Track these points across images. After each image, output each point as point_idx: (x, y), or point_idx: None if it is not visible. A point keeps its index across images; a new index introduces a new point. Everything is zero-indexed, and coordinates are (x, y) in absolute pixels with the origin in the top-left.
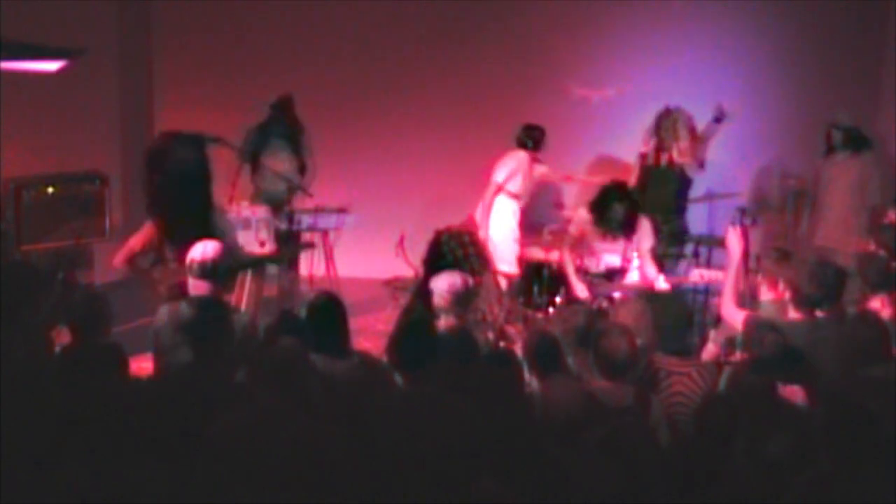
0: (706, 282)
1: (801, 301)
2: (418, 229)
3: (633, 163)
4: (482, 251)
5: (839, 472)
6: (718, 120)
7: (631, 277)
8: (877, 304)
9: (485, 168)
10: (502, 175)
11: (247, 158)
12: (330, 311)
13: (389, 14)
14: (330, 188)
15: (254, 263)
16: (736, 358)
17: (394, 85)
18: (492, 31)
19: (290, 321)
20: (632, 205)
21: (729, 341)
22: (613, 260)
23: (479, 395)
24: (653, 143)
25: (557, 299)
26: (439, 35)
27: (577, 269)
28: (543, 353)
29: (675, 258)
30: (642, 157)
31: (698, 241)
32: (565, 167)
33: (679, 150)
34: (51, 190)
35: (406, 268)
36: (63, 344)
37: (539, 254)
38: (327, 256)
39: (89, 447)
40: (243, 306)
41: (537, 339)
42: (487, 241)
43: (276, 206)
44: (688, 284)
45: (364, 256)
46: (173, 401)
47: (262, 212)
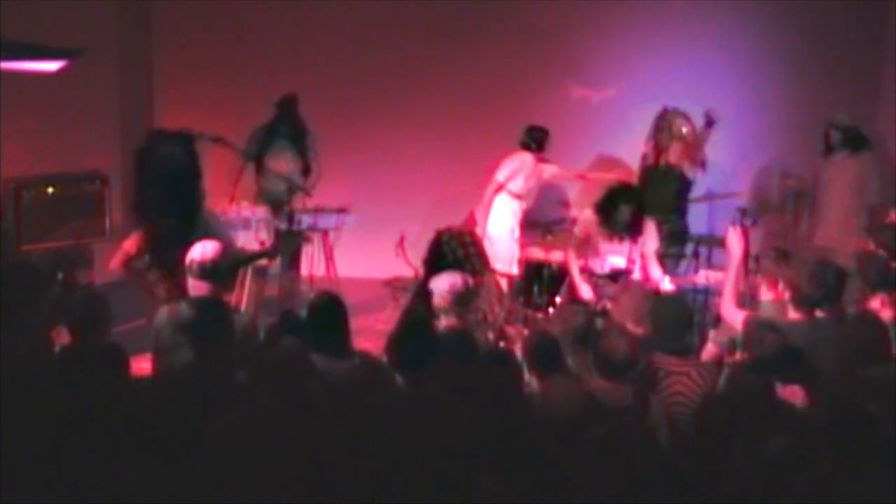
0: (712, 284)
1: (800, 301)
2: (418, 229)
3: (634, 163)
4: (483, 251)
5: (839, 472)
6: (709, 125)
7: (636, 279)
8: (876, 304)
9: (486, 168)
10: (504, 174)
11: (251, 158)
12: (331, 311)
13: (389, 14)
14: (330, 188)
15: (247, 260)
16: (736, 358)
17: (394, 85)
18: (492, 31)
19: (291, 321)
20: (638, 206)
21: (730, 342)
22: (618, 261)
23: (479, 395)
24: (651, 143)
25: (557, 299)
26: (439, 35)
27: (582, 270)
28: (543, 353)
29: (675, 258)
30: (644, 157)
31: (698, 241)
32: (565, 167)
33: (675, 151)
34: (51, 190)
35: (406, 268)
36: (63, 344)
37: (539, 254)
38: (327, 256)
39: (89, 447)
40: (243, 306)
41: (537, 339)
42: (484, 239)
43: (277, 207)
44: (694, 286)
45: (364, 256)
46: (173, 401)
47: (262, 212)
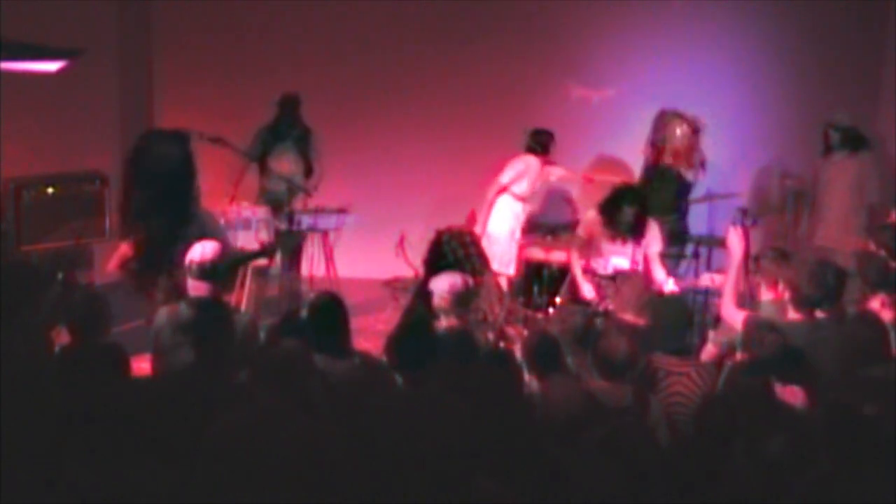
0: (717, 286)
1: (800, 301)
2: (418, 229)
3: (634, 163)
4: (482, 251)
5: (839, 472)
6: (695, 132)
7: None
8: (876, 305)
9: (489, 168)
10: (508, 176)
11: (254, 159)
12: (331, 311)
13: (389, 14)
14: (330, 188)
15: (246, 259)
16: (735, 358)
17: (394, 85)
18: (492, 31)
19: (293, 322)
20: (641, 208)
21: (729, 343)
22: (621, 262)
23: (479, 395)
24: (649, 144)
25: (557, 299)
26: (439, 35)
27: (585, 271)
28: (543, 353)
29: (675, 259)
30: (646, 158)
31: (698, 242)
32: (572, 169)
33: (671, 152)
34: (51, 190)
35: (406, 268)
36: (63, 344)
37: (539, 254)
38: (327, 257)
39: (89, 447)
40: (244, 306)
41: (537, 339)
42: (483, 239)
43: (277, 207)
44: (696, 288)
45: (364, 256)
46: (173, 401)
47: (262, 212)
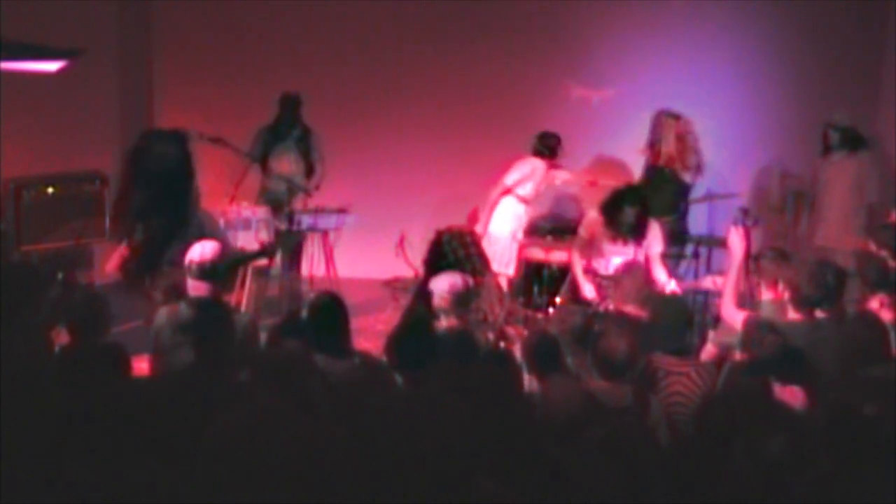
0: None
1: (800, 301)
2: (418, 229)
3: (634, 163)
4: (483, 251)
5: (839, 472)
6: (690, 133)
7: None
8: (875, 305)
9: (486, 168)
10: (513, 178)
11: (256, 159)
12: (331, 311)
13: (390, 14)
14: (330, 188)
15: (245, 260)
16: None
17: (394, 85)
18: (492, 31)
19: (294, 323)
20: (643, 209)
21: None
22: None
23: (479, 395)
24: (647, 145)
25: (557, 299)
26: (439, 35)
27: (586, 271)
28: (543, 352)
29: (675, 259)
30: (645, 158)
31: (698, 242)
32: (577, 173)
33: (665, 154)
34: (51, 190)
35: (406, 268)
36: (63, 344)
37: (539, 254)
38: (327, 257)
39: (89, 447)
40: (244, 307)
41: (536, 340)
42: (484, 239)
43: (277, 207)
44: (697, 290)
45: (364, 256)
46: (173, 401)
47: (262, 212)
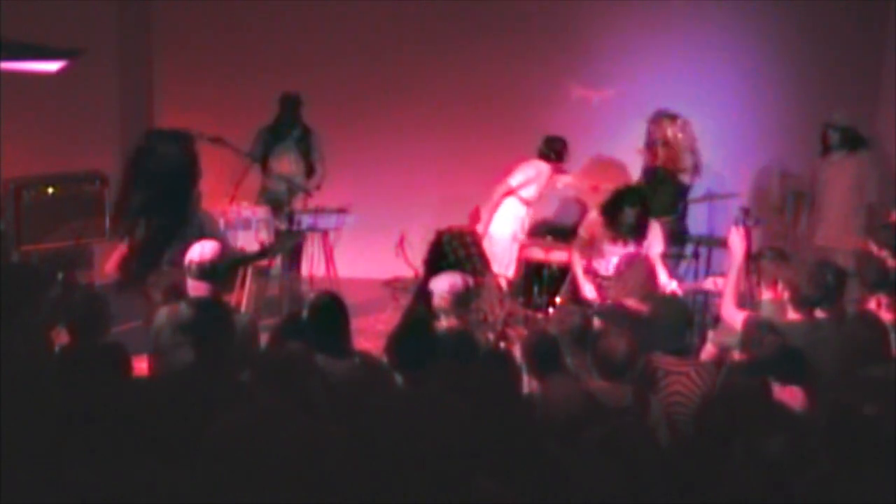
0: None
1: (800, 301)
2: (418, 229)
3: (634, 163)
4: (483, 252)
5: (839, 472)
6: (686, 134)
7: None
8: (873, 305)
9: (486, 167)
10: (517, 180)
11: (256, 159)
12: (332, 311)
13: (390, 14)
14: (330, 188)
15: (245, 261)
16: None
17: (394, 85)
18: (492, 31)
19: (295, 324)
20: (643, 209)
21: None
22: None
23: (478, 395)
24: (644, 146)
25: (557, 299)
26: (439, 35)
27: (586, 271)
28: (542, 353)
29: (675, 259)
30: (644, 159)
31: (698, 242)
32: (580, 177)
33: (662, 155)
34: (51, 190)
35: (406, 268)
36: (63, 344)
37: (539, 254)
38: (327, 257)
39: (89, 447)
40: (244, 307)
41: (536, 340)
42: (485, 239)
43: (277, 207)
44: (697, 291)
45: (364, 256)
46: (173, 401)
47: (262, 212)
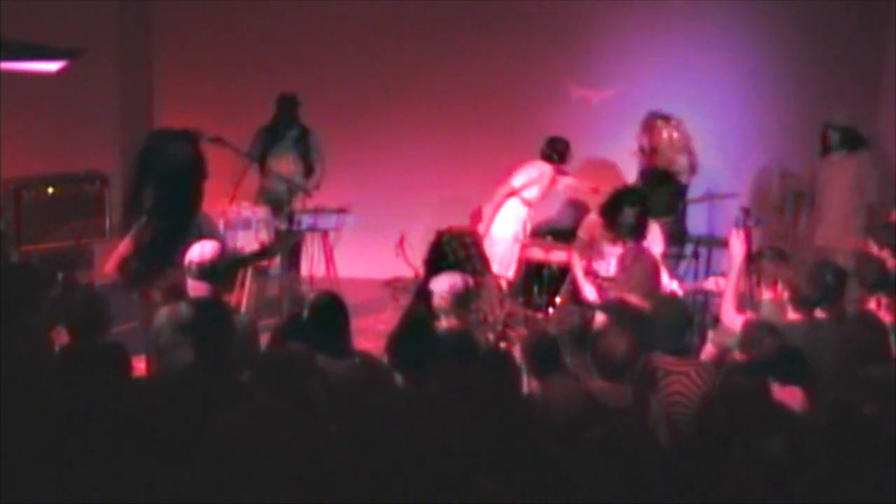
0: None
1: (799, 301)
2: (418, 229)
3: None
4: (483, 252)
5: (839, 472)
6: (679, 134)
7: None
8: (873, 305)
9: (486, 168)
10: (520, 181)
11: (255, 159)
12: (332, 311)
13: (390, 14)
14: (330, 188)
15: (244, 261)
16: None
17: (394, 85)
18: (492, 31)
19: (296, 324)
20: (643, 209)
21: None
22: None
23: (478, 395)
24: (639, 148)
25: (557, 299)
26: (439, 35)
27: (586, 272)
28: (542, 353)
29: (675, 259)
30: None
31: (698, 242)
32: (580, 179)
33: (660, 156)
34: (51, 190)
35: (406, 268)
36: (63, 344)
37: (539, 254)
38: (327, 257)
39: (89, 447)
40: (244, 307)
41: (535, 340)
42: (486, 239)
43: (277, 207)
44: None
45: (364, 256)
46: (173, 401)
47: (262, 212)
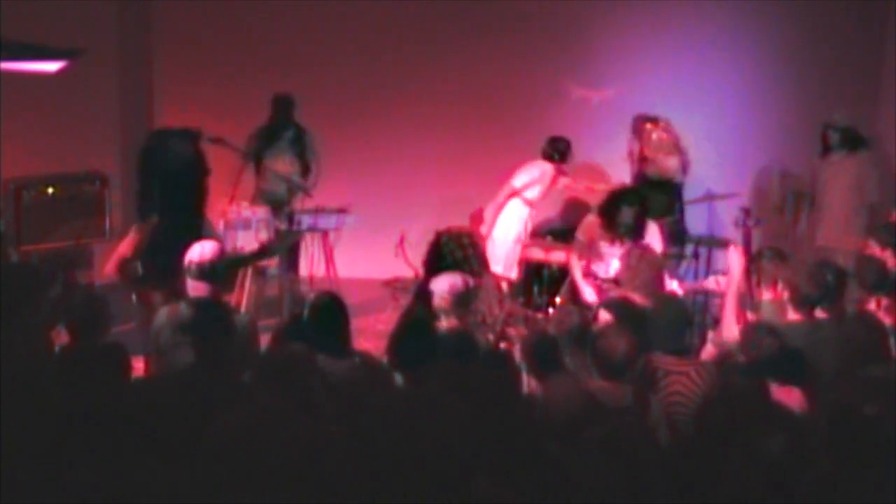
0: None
1: (799, 301)
2: (418, 229)
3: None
4: (482, 252)
5: (839, 472)
6: (668, 134)
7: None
8: (873, 306)
9: (486, 168)
10: (521, 181)
11: (252, 159)
12: (332, 311)
13: (390, 14)
14: (330, 188)
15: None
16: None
17: (394, 85)
18: (492, 31)
19: (297, 324)
20: (641, 209)
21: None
22: None
23: (478, 395)
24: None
25: (557, 300)
26: (439, 35)
27: (586, 274)
28: (542, 353)
29: (675, 259)
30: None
31: (698, 242)
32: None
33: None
34: (51, 190)
35: (406, 268)
36: (63, 344)
37: (539, 254)
38: (327, 257)
39: (89, 447)
40: (243, 307)
41: (536, 340)
42: (488, 240)
43: (277, 207)
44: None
45: (364, 256)
46: (173, 401)
47: (262, 212)
